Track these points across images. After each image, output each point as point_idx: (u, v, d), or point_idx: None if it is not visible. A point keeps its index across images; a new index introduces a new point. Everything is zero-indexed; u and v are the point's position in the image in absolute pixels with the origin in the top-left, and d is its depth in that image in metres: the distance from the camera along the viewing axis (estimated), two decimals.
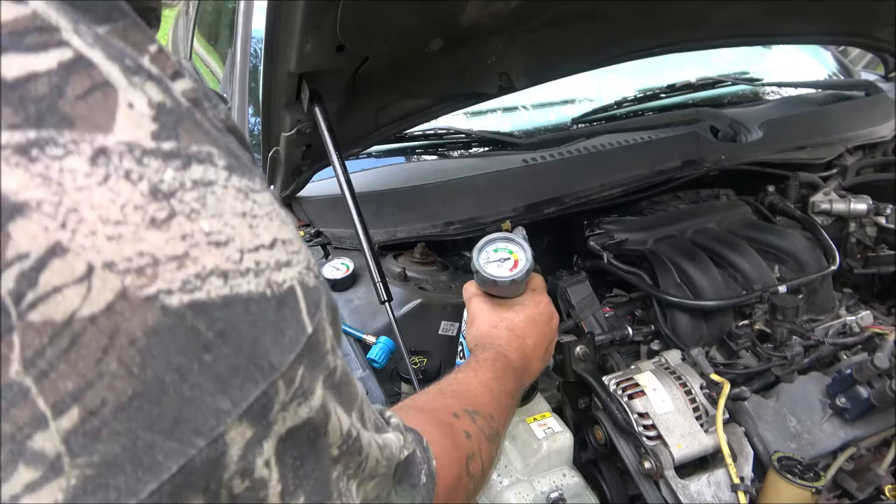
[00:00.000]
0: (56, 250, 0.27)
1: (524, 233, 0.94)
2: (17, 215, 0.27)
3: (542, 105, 1.83)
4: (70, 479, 0.28)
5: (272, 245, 0.33)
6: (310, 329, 0.34)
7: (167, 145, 0.30)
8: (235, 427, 0.31)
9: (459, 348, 1.00)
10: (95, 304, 0.28)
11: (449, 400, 0.67)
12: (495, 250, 0.93)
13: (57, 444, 0.28)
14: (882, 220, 1.50)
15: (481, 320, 0.89)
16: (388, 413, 0.51)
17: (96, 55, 0.30)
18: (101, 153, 0.28)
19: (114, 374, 0.28)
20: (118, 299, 0.28)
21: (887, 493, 1.10)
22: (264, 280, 0.32)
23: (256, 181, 0.34)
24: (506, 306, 0.90)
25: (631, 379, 1.10)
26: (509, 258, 0.92)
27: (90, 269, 0.28)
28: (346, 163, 1.12)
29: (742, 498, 1.00)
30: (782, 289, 1.25)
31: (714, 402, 1.06)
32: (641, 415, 1.05)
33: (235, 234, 0.31)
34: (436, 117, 1.44)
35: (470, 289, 0.94)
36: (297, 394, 0.34)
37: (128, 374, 0.28)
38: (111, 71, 0.30)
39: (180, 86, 0.34)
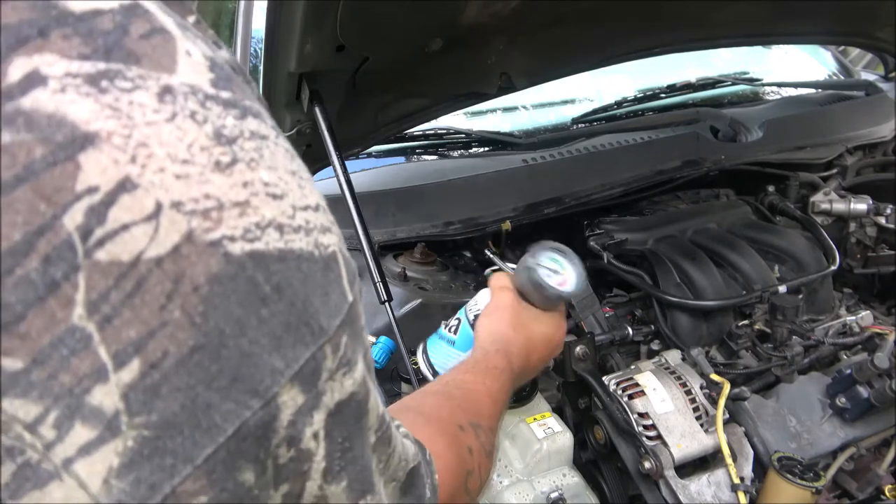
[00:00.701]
0: (126, 185, 0.26)
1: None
2: (88, 145, 0.26)
3: (542, 105, 1.83)
4: (127, 441, 0.27)
5: (317, 208, 0.33)
6: (351, 297, 0.34)
7: (225, 94, 0.30)
8: (287, 390, 0.30)
9: (456, 322, 0.94)
10: (162, 246, 0.27)
11: (456, 409, 0.66)
12: (550, 259, 0.88)
13: (116, 400, 0.26)
14: (882, 220, 1.50)
15: (506, 316, 0.85)
16: (395, 422, 0.49)
17: (151, 6, 0.30)
18: (167, 91, 0.28)
19: (177, 322, 0.27)
20: (184, 242, 0.27)
21: (887, 493, 1.10)
22: (313, 240, 0.31)
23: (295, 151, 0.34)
24: (532, 315, 0.87)
25: (631, 379, 1.10)
26: (560, 273, 0.88)
27: (158, 208, 0.27)
28: (346, 163, 1.12)
29: (742, 498, 1.00)
30: (782, 289, 1.25)
31: (714, 402, 1.06)
32: (641, 415, 1.05)
33: (289, 190, 0.31)
34: (436, 117, 1.44)
35: (502, 280, 0.90)
36: (343, 362, 0.33)
37: (190, 324, 0.27)
38: (166, 21, 0.30)
39: (222, 54, 0.34)
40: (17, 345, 0.25)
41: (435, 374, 0.93)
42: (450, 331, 0.95)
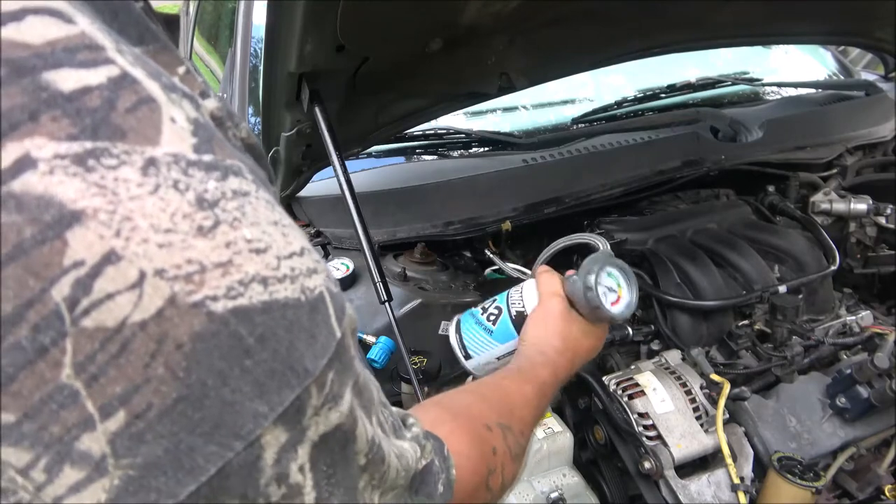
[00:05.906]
0: (110, 258, 0.28)
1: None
2: (75, 223, 0.28)
3: (542, 105, 1.83)
4: (113, 480, 0.29)
5: (302, 252, 0.34)
6: (339, 334, 0.35)
7: (207, 157, 0.32)
8: (271, 431, 0.32)
9: (496, 312, 0.90)
10: (146, 311, 0.29)
11: (487, 410, 0.66)
12: (608, 275, 0.85)
13: (103, 446, 0.29)
14: (882, 220, 1.51)
15: (557, 329, 0.84)
16: (410, 420, 0.50)
17: (139, 73, 0.31)
18: (151, 164, 0.30)
19: (160, 378, 0.29)
20: (167, 305, 0.29)
21: (887, 493, 1.11)
22: (299, 286, 0.33)
23: (273, 195, 0.36)
24: (581, 329, 0.86)
25: (631, 379, 1.10)
26: (615, 291, 0.86)
27: (142, 277, 0.29)
28: (346, 163, 1.12)
29: (742, 498, 1.00)
30: (782, 289, 1.25)
31: (714, 402, 1.06)
32: (641, 415, 1.05)
33: (272, 242, 0.33)
34: (436, 117, 1.44)
35: (553, 284, 0.87)
36: (328, 398, 0.35)
37: (173, 379, 0.29)
38: (153, 87, 0.31)
39: (208, 105, 0.35)
40: (9, 402, 0.28)
41: (467, 355, 0.91)
42: (488, 318, 0.91)
